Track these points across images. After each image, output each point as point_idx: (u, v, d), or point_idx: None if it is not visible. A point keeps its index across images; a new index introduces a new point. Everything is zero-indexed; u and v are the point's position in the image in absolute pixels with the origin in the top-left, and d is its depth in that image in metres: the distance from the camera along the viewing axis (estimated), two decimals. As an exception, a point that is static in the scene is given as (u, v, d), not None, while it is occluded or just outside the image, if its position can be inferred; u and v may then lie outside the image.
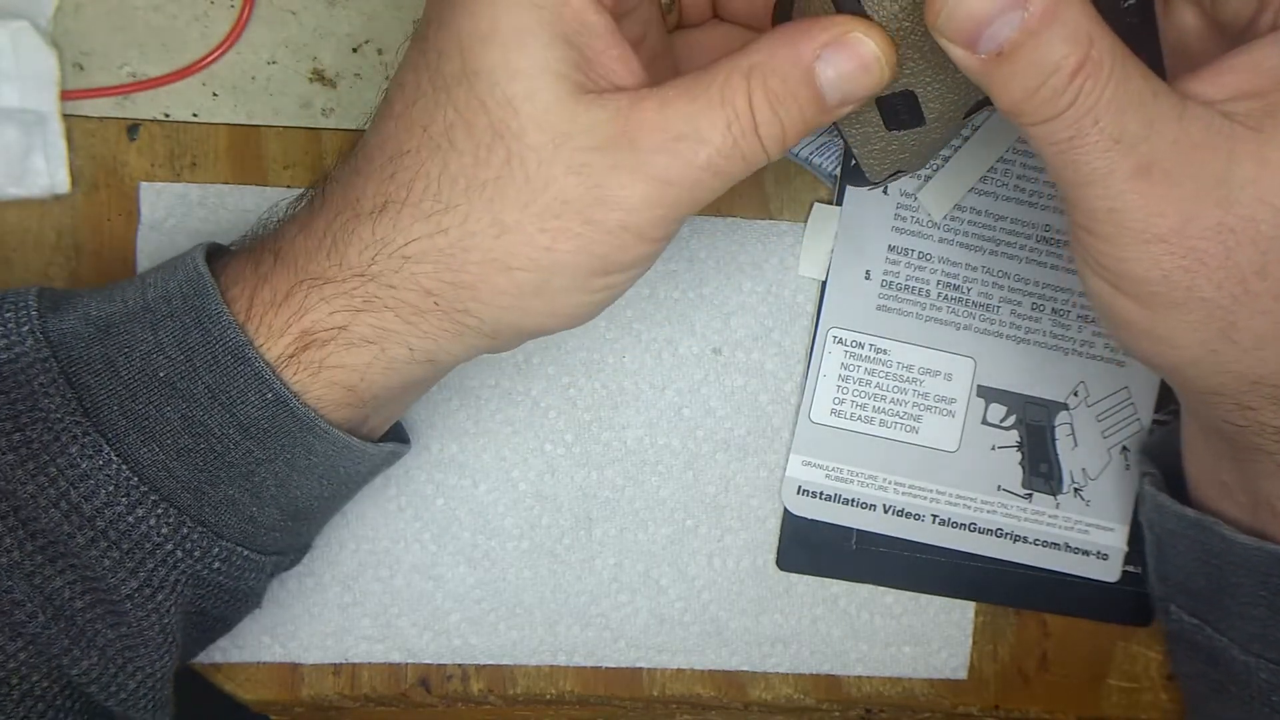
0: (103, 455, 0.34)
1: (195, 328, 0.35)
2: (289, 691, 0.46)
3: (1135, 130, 0.31)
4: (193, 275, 0.35)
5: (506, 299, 0.34)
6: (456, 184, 0.33)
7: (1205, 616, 0.43)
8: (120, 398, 0.35)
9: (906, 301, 0.46)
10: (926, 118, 0.34)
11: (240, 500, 0.36)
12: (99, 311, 0.36)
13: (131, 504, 0.35)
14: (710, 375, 0.46)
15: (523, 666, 0.46)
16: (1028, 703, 0.48)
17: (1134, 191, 0.31)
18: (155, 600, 0.36)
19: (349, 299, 0.34)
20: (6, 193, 0.43)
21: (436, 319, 0.34)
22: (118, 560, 0.35)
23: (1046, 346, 0.47)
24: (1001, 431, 0.47)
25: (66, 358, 0.35)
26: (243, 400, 0.35)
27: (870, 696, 0.48)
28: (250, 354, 0.34)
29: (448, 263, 0.33)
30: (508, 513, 0.46)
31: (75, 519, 0.34)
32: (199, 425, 0.35)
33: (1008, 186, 0.46)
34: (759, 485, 0.47)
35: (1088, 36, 0.29)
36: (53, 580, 0.34)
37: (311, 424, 0.35)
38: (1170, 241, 0.32)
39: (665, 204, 0.32)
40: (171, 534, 0.35)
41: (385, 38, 0.44)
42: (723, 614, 0.47)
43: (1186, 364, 0.35)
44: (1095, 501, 0.47)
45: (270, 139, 0.44)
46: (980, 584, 0.47)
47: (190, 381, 0.35)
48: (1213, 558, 0.41)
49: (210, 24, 0.44)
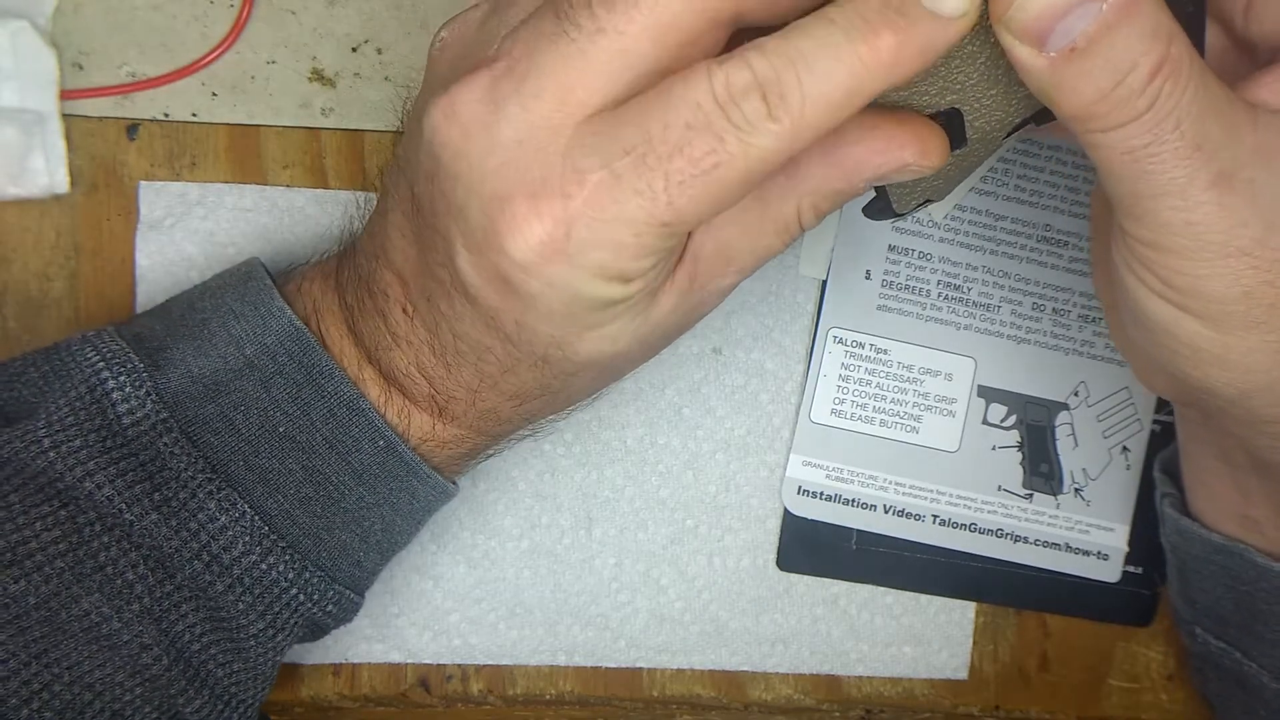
0: (238, 508, 0.36)
1: (308, 385, 0.36)
2: (288, 691, 0.46)
3: (1217, 136, 0.28)
4: (290, 330, 0.36)
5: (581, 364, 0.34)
6: (475, 335, 0.34)
7: (1234, 641, 0.42)
8: (244, 453, 0.36)
9: (907, 301, 0.46)
10: (969, 137, 0.31)
11: (351, 545, 0.38)
12: (199, 369, 0.36)
13: (264, 552, 0.37)
14: (710, 375, 0.46)
15: (522, 666, 0.46)
16: (1028, 703, 0.48)
17: (1215, 202, 0.29)
18: (275, 640, 0.38)
19: (431, 357, 0.36)
20: (6, 192, 0.43)
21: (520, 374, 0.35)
22: (250, 604, 0.37)
23: (1047, 346, 0.47)
24: (1002, 431, 0.47)
25: (183, 417, 0.36)
26: (357, 449, 0.36)
27: (870, 697, 0.48)
28: (364, 405, 0.36)
29: (504, 367, 0.35)
30: (507, 512, 0.46)
31: (215, 569, 0.36)
32: (318, 474, 0.37)
33: (1008, 186, 0.46)
34: (759, 485, 0.47)
35: (1168, 33, 0.27)
36: (177, 624, 0.36)
37: (417, 469, 0.37)
38: (1254, 255, 0.29)
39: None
40: (296, 579, 0.37)
41: (385, 37, 0.44)
42: (723, 614, 0.47)
43: (1257, 390, 0.32)
44: (1096, 501, 0.47)
45: (270, 138, 0.44)
46: (981, 584, 0.47)
47: (309, 434, 0.36)
48: (1242, 584, 0.40)
49: (210, 24, 0.44)
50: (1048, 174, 0.46)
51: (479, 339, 0.33)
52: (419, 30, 0.44)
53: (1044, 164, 0.46)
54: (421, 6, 0.44)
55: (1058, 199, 0.46)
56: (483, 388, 0.35)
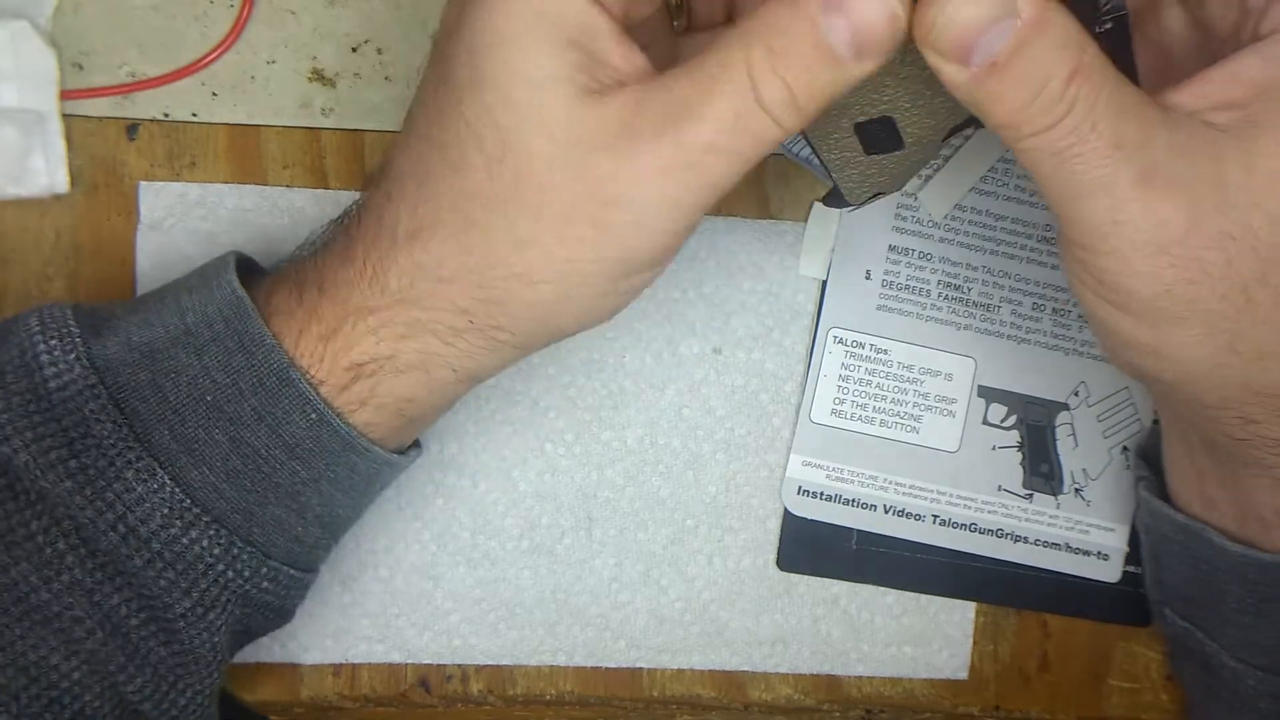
0: (157, 479, 0.35)
1: (239, 352, 0.35)
2: (289, 692, 0.46)
3: (1134, 135, 0.30)
4: (231, 299, 0.36)
5: (534, 311, 0.34)
6: (475, 202, 0.33)
7: (1197, 622, 0.43)
8: (170, 422, 0.35)
9: (907, 301, 0.46)
10: (905, 142, 0.34)
11: (286, 520, 0.37)
12: (140, 337, 0.36)
13: (185, 526, 0.35)
14: (710, 375, 0.46)
15: (522, 667, 0.46)
16: (1028, 703, 0.48)
17: (1138, 200, 0.30)
18: (207, 619, 0.36)
19: (393, 327, 0.35)
20: (5, 192, 0.43)
21: (473, 337, 0.35)
22: (173, 580, 0.36)
23: (1047, 346, 0.47)
24: (1002, 431, 0.47)
25: (114, 384, 0.35)
26: (288, 421, 0.35)
27: (870, 697, 0.48)
28: (294, 376, 0.35)
29: (477, 280, 0.33)
30: (508, 513, 0.46)
31: (132, 541, 0.35)
32: (247, 447, 0.36)
33: (1008, 186, 0.46)
34: (759, 485, 0.47)
35: (1078, 43, 0.29)
36: (111, 597, 0.35)
37: (353, 443, 0.36)
38: (1173, 253, 0.31)
39: (670, 195, 0.31)
40: (223, 555, 0.36)
41: (385, 37, 0.44)
42: (723, 614, 0.47)
43: (1192, 379, 0.34)
44: (1096, 502, 0.47)
45: (270, 138, 0.44)
46: (981, 584, 0.47)
47: (237, 405, 0.35)
48: (1203, 564, 0.41)
49: (210, 24, 0.44)
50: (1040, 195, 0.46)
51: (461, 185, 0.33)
52: (419, 30, 0.44)
53: (1038, 184, 0.46)
54: (421, 6, 0.44)
55: (1058, 199, 0.46)
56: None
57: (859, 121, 0.34)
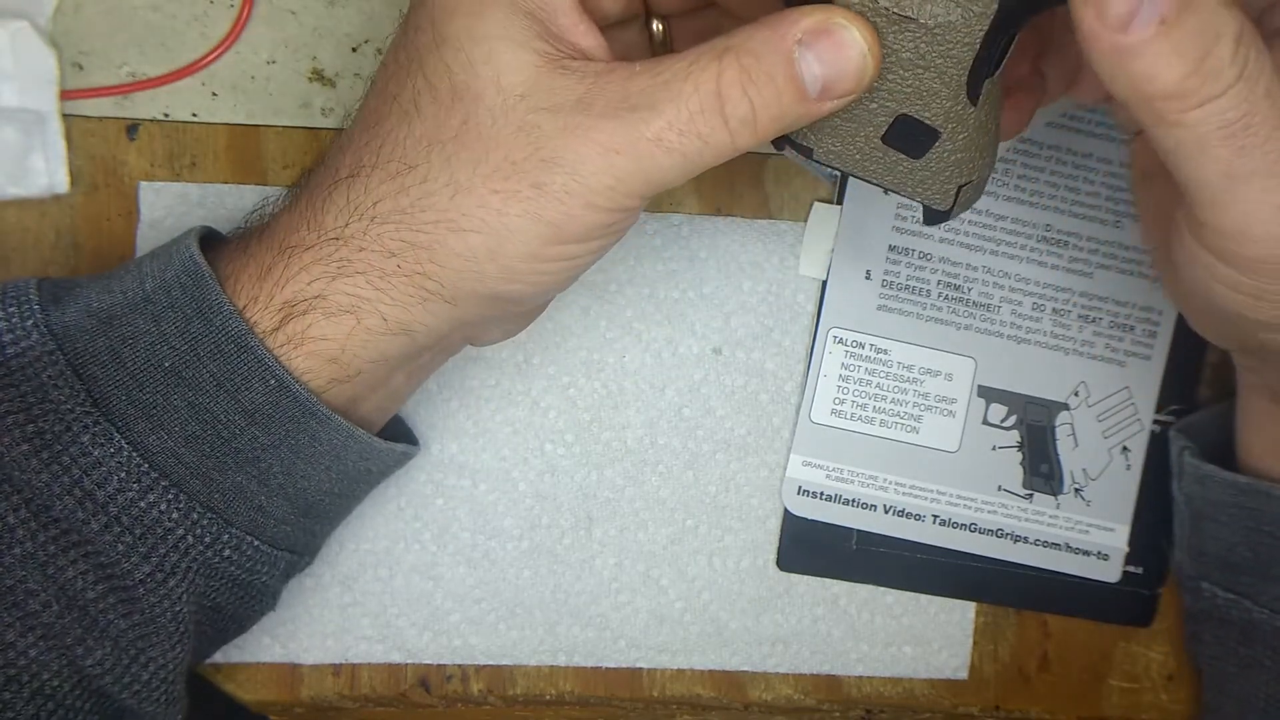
0: (114, 443, 0.35)
1: (197, 318, 0.35)
2: (289, 692, 0.46)
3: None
4: (189, 266, 0.36)
5: (460, 261, 0.34)
6: (419, 146, 0.33)
7: (1245, 590, 0.43)
8: (127, 388, 0.35)
9: (907, 301, 0.46)
10: (936, 126, 0.32)
11: (248, 488, 0.37)
12: (99, 303, 0.36)
13: (143, 489, 0.35)
14: (710, 375, 0.46)
15: (522, 667, 0.46)
16: (1028, 703, 0.48)
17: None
18: (167, 586, 0.36)
19: (325, 265, 0.35)
20: (6, 192, 0.43)
21: (400, 282, 0.35)
22: (130, 545, 0.36)
23: (1047, 346, 0.47)
24: (1002, 431, 0.47)
25: (72, 350, 0.36)
26: (247, 386, 0.35)
27: (870, 697, 0.48)
28: (252, 342, 0.35)
29: (408, 222, 0.34)
30: (508, 513, 0.46)
31: (89, 505, 0.35)
32: (205, 412, 0.36)
33: (1008, 186, 0.46)
34: (759, 485, 0.47)
35: (1237, 2, 0.27)
36: (66, 570, 0.35)
37: (313, 408, 0.36)
38: None
39: (612, 174, 0.32)
40: (182, 519, 0.36)
41: (385, 37, 0.44)
42: (723, 614, 0.47)
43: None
44: (1096, 502, 0.47)
45: (270, 139, 0.44)
46: (981, 584, 0.47)
47: (195, 370, 0.35)
48: (1265, 524, 0.41)
49: (210, 24, 0.44)
50: (1048, 174, 0.46)
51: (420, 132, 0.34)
52: (419, 30, 0.44)
53: (1044, 164, 0.46)
54: (421, 6, 0.44)
55: (1058, 199, 0.46)
56: None
57: (882, 136, 0.33)
